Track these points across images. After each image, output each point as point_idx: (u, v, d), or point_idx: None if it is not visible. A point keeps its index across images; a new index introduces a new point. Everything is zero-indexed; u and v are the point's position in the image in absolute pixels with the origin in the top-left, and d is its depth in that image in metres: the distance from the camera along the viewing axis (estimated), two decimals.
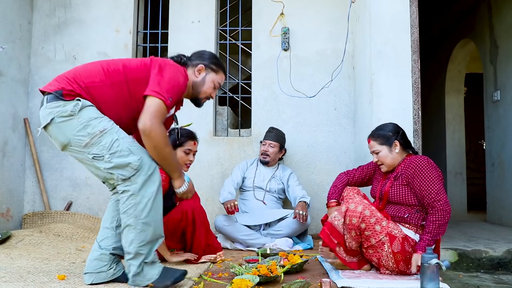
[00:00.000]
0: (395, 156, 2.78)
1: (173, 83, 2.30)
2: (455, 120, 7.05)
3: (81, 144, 2.19)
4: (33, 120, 4.65)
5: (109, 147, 2.17)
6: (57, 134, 2.23)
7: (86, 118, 2.18)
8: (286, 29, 4.53)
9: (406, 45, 3.63)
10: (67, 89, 2.23)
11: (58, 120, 2.21)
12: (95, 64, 2.37)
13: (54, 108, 2.23)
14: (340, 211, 2.63)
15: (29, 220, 4.40)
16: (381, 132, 2.83)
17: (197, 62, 2.55)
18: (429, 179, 2.60)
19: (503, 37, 5.33)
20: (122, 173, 2.18)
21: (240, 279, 2.28)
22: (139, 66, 2.35)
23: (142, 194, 2.17)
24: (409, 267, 2.58)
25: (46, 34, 4.73)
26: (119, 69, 2.32)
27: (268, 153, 4.10)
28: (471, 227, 5.14)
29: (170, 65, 2.37)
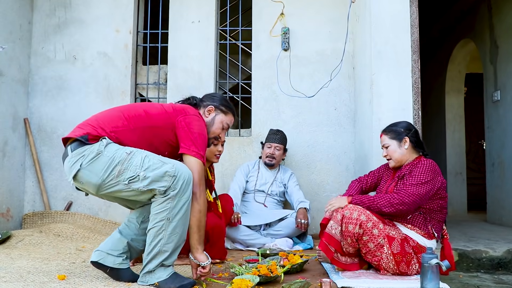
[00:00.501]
0: (403, 152, 2.79)
1: (202, 137, 2.40)
2: (455, 120, 7.06)
3: (114, 175, 2.19)
4: (33, 120, 4.65)
5: (141, 165, 2.19)
6: (89, 177, 2.21)
7: (112, 150, 2.21)
8: (286, 29, 4.53)
9: (406, 45, 3.63)
10: (92, 134, 2.26)
11: (86, 164, 2.20)
12: (114, 110, 2.42)
13: (80, 154, 2.22)
14: (336, 219, 2.62)
15: (29, 220, 4.40)
16: (394, 128, 2.88)
17: (208, 103, 2.65)
18: (418, 178, 2.61)
19: (503, 37, 5.33)
20: (162, 184, 2.18)
21: (240, 279, 2.27)
22: (161, 113, 2.41)
23: (179, 198, 2.20)
24: (410, 268, 2.58)
25: (46, 34, 4.73)
26: (140, 114, 2.38)
27: (274, 156, 4.10)
28: (471, 227, 5.14)
29: (194, 118, 2.42)
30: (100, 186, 2.21)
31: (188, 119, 2.40)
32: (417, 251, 2.60)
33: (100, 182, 2.19)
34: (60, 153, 4.61)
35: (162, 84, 4.76)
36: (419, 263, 2.59)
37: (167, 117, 2.40)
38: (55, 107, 4.66)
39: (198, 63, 4.62)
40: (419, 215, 2.67)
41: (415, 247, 2.60)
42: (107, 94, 4.63)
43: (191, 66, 4.62)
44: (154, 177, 2.17)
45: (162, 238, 2.20)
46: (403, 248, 2.56)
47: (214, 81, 4.62)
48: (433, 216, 2.69)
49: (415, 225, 2.66)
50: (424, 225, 2.65)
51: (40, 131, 4.65)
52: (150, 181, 2.17)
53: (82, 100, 4.65)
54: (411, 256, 2.58)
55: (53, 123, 4.65)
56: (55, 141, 4.63)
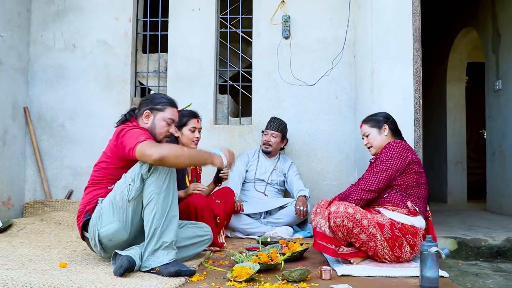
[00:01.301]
0: (383, 139, 2.88)
1: (135, 131, 2.45)
2: (456, 109, 7.04)
3: (120, 205, 2.39)
4: (33, 109, 4.64)
5: (124, 180, 2.40)
6: (109, 230, 2.41)
7: (107, 199, 2.43)
8: (287, 17, 4.50)
9: (407, 33, 3.61)
10: (91, 207, 2.48)
11: (100, 226, 2.41)
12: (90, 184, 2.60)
13: (91, 233, 2.45)
14: (323, 215, 2.63)
15: (30, 209, 4.42)
16: (373, 117, 2.98)
17: (142, 109, 2.63)
18: (380, 161, 2.72)
19: (506, 26, 5.29)
20: (144, 169, 2.37)
21: (240, 267, 2.29)
22: (111, 158, 2.53)
23: (160, 172, 2.40)
24: (403, 251, 2.59)
25: (45, 22, 4.71)
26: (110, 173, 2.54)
27: (270, 143, 4.09)
28: (471, 216, 5.15)
29: (128, 131, 2.47)
30: (124, 226, 2.41)
31: (123, 134, 2.46)
32: (405, 232, 2.59)
33: (119, 225, 2.40)
34: (60, 141, 4.62)
35: (162, 73, 4.74)
36: (410, 245, 2.60)
37: (114, 152, 2.49)
38: (55, 95, 4.65)
39: (199, 51, 4.59)
40: (396, 193, 2.69)
41: (402, 229, 2.59)
42: (107, 82, 4.62)
43: (191, 54, 4.60)
44: (135, 173, 2.36)
45: (156, 212, 2.33)
46: (393, 233, 2.57)
47: (214, 69, 4.60)
48: (411, 192, 2.70)
49: (394, 203, 2.67)
50: (402, 202, 2.66)
51: (40, 119, 4.65)
52: (135, 177, 2.36)
53: (82, 88, 4.64)
54: (401, 239, 2.59)
55: (53, 111, 4.64)
56: (55, 130, 4.63)
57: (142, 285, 2.05)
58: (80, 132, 4.61)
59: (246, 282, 2.19)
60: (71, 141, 4.60)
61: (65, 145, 4.61)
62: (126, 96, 4.58)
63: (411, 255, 2.63)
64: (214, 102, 4.61)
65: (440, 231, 3.87)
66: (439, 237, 3.54)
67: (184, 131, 3.29)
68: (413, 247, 2.62)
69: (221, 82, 4.80)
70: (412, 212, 2.63)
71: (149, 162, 2.32)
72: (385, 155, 2.73)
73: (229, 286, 2.15)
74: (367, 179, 2.71)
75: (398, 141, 2.79)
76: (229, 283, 2.18)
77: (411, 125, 3.57)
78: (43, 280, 2.09)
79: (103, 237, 2.41)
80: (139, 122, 2.61)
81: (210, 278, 2.31)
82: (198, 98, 4.53)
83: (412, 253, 2.63)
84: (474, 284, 2.80)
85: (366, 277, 2.36)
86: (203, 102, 4.52)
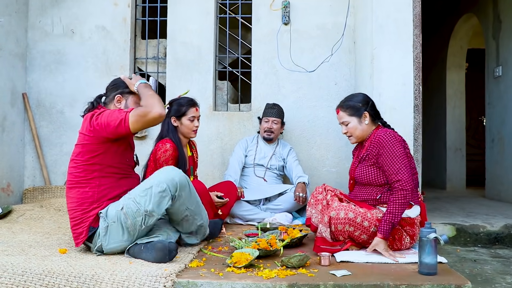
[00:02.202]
0: (364, 128, 2.71)
1: (112, 111, 2.44)
2: (456, 96, 7.03)
3: (132, 228, 2.39)
4: (31, 95, 4.62)
5: (137, 207, 2.37)
6: (116, 246, 2.42)
7: (112, 214, 2.38)
8: (286, 3, 4.46)
9: (408, 19, 3.59)
10: (90, 221, 2.42)
11: (106, 240, 2.40)
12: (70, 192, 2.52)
13: (94, 243, 2.43)
14: (324, 222, 2.59)
15: (30, 195, 4.42)
16: (351, 103, 2.73)
17: (113, 94, 2.61)
18: (391, 157, 2.55)
19: (507, 12, 5.26)
20: (166, 201, 2.39)
21: (240, 253, 2.30)
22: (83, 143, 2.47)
23: (182, 194, 2.50)
24: (403, 243, 2.58)
25: (43, 8, 4.67)
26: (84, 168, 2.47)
27: (272, 130, 4.08)
28: (470, 202, 5.17)
29: (100, 114, 2.44)
30: (131, 241, 2.41)
31: (97, 117, 2.43)
32: (403, 224, 2.57)
33: (128, 244, 2.40)
34: (59, 128, 4.61)
35: (162, 59, 4.72)
36: (409, 236, 2.59)
37: (91, 137, 2.43)
38: (53, 81, 4.63)
39: (198, 37, 4.56)
40: (387, 192, 2.61)
41: (400, 222, 2.55)
42: (105, 68, 4.59)
43: (191, 40, 4.57)
44: (155, 204, 2.35)
45: (194, 220, 2.60)
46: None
47: (214, 55, 4.58)
48: None
49: (387, 203, 2.57)
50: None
51: (39, 106, 4.63)
52: (158, 211, 2.37)
53: (80, 74, 4.61)
54: (400, 231, 2.57)
55: (52, 98, 4.63)
56: (54, 116, 4.62)
57: (142, 271, 2.06)
58: (79, 119, 4.48)
59: (245, 268, 2.20)
60: (70, 128, 4.59)
61: (64, 131, 4.60)
62: None
63: (410, 245, 2.63)
64: (214, 88, 4.59)
65: (439, 217, 3.89)
66: (438, 224, 3.56)
67: (184, 121, 3.31)
68: (412, 236, 2.61)
69: (221, 68, 4.78)
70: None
71: (148, 119, 2.32)
72: (388, 156, 2.55)
73: (228, 272, 2.17)
74: (396, 172, 2.51)
75: (388, 134, 2.61)
76: (229, 269, 2.19)
77: (411, 112, 3.57)
78: (43, 266, 2.11)
79: (107, 251, 2.42)
80: (109, 107, 2.58)
81: (209, 264, 2.32)
82: (197, 84, 4.51)
83: (411, 242, 2.62)
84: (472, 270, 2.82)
85: (365, 263, 2.37)
86: (202, 88, 4.51)
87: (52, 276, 2.02)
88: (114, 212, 2.38)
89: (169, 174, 2.41)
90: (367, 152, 2.68)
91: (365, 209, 2.59)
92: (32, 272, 2.04)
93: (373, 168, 2.66)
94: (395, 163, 2.53)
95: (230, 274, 2.13)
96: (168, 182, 2.37)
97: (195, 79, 4.54)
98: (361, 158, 2.73)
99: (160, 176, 2.42)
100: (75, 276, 2.02)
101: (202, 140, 4.40)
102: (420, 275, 2.15)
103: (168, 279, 2.00)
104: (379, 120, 2.78)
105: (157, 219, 2.43)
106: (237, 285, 2.01)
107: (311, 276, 2.10)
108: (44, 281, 2.00)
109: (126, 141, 2.56)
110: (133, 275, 2.02)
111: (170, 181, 2.37)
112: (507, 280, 2.61)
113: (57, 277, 2.02)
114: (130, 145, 2.63)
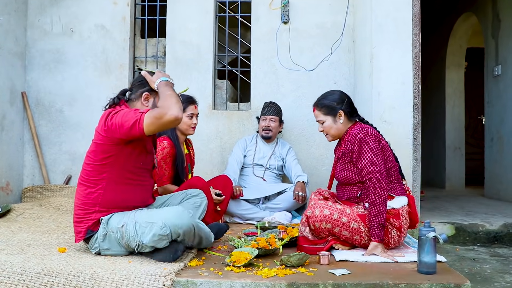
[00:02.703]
0: (339, 127, 2.71)
1: (128, 110, 2.33)
2: (455, 95, 7.03)
3: (127, 244, 2.34)
4: (30, 94, 4.62)
5: (135, 233, 2.29)
6: (116, 252, 2.40)
7: (113, 225, 2.34)
8: (286, 2, 4.46)
9: (407, 18, 3.59)
10: (90, 224, 2.38)
11: (104, 246, 2.37)
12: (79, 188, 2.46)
13: (91, 245, 2.41)
14: (302, 221, 2.61)
15: (29, 194, 4.42)
16: (326, 102, 2.74)
17: (140, 91, 2.49)
18: (363, 154, 2.54)
19: (506, 11, 5.26)
20: (163, 243, 2.27)
21: (239, 252, 2.30)
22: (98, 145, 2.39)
23: (186, 237, 2.37)
24: (390, 236, 2.55)
25: (43, 6, 4.66)
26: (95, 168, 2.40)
27: (270, 128, 4.08)
28: (469, 201, 5.18)
29: (115, 113, 2.34)
30: (128, 250, 2.38)
31: (112, 116, 2.32)
32: (387, 217, 2.52)
33: (126, 252, 2.38)
34: (58, 126, 4.61)
35: (161, 57, 4.71)
36: (396, 228, 2.55)
37: (105, 137, 2.34)
38: (53, 80, 4.62)
39: (197, 36, 4.56)
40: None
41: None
42: (105, 67, 4.59)
43: (190, 39, 4.56)
44: (152, 242, 2.25)
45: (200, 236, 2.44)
46: None
47: (213, 54, 4.57)
48: None
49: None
50: None
51: (38, 105, 4.63)
52: (152, 246, 2.27)
53: (80, 73, 4.61)
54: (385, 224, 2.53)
55: (51, 96, 4.62)
56: (53, 115, 4.61)
57: (141, 270, 2.06)
58: (78, 117, 4.60)
59: (244, 267, 2.20)
60: (69, 126, 4.59)
61: (64, 130, 4.60)
62: (125, 81, 4.56)
63: (399, 238, 2.58)
64: (213, 87, 4.59)
65: (438, 216, 3.90)
66: (437, 223, 3.56)
67: (183, 117, 3.29)
68: (400, 229, 2.55)
69: (220, 67, 4.78)
70: (388, 197, 2.54)
71: (164, 121, 2.20)
72: (360, 153, 2.55)
73: (227, 271, 2.17)
74: (367, 170, 2.52)
75: (361, 131, 2.59)
76: (228, 268, 2.19)
77: (410, 111, 3.57)
78: (42, 265, 2.10)
79: (104, 254, 2.40)
80: (134, 105, 2.48)
81: (208, 263, 2.32)
82: (196, 83, 4.51)
83: (400, 236, 2.57)
84: (472, 269, 2.82)
85: (364, 263, 2.38)
86: (201, 87, 4.50)
87: (51, 275, 2.02)
88: (115, 225, 2.33)
89: (177, 221, 2.25)
90: (343, 150, 2.68)
91: (344, 205, 2.57)
92: (31, 271, 2.04)
93: (349, 166, 2.65)
94: (367, 159, 2.53)
95: (229, 273, 2.13)
96: (172, 229, 2.23)
97: (194, 78, 4.53)
98: (338, 157, 2.73)
99: (168, 217, 2.26)
100: (74, 275, 2.02)
101: (201, 139, 4.40)
102: (419, 274, 2.16)
103: (167, 278, 2.00)
104: (356, 117, 2.77)
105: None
106: (236, 284, 2.01)
107: (310, 275, 2.10)
108: (43, 280, 2.00)
109: (141, 143, 2.43)
110: (132, 274, 2.02)
111: (174, 228, 2.23)
112: (506, 279, 2.61)
113: (56, 276, 2.02)
114: (145, 148, 2.48)
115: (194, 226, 2.33)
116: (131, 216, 2.34)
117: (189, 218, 2.31)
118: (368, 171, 2.51)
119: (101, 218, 2.36)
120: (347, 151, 2.65)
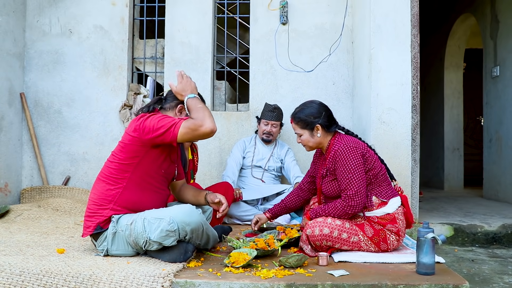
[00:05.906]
0: (317, 140, 2.68)
1: (164, 116, 2.38)
2: (454, 96, 7.04)
3: (134, 243, 2.35)
4: (29, 95, 4.61)
5: (143, 230, 2.29)
6: (122, 251, 2.41)
7: (122, 224, 2.36)
8: (284, 3, 4.47)
9: (406, 19, 3.60)
10: (101, 220, 2.39)
11: (111, 246, 2.39)
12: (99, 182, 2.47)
13: (102, 242, 2.41)
14: (303, 239, 2.60)
15: (28, 195, 4.42)
16: (302, 116, 2.69)
17: (176, 102, 2.58)
18: (344, 171, 2.52)
19: (504, 12, 5.27)
20: (170, 241, 2.27)
21: (238, 253, 2.30)
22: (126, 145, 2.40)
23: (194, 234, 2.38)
24: (388, 242, 2.55)
25: (41, 7, 4.66)
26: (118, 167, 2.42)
27: (272, 133, 4.09)
28: (467, 202, 5.18)
29: (149, 118, 2.38)
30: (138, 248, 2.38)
31: (146, 119, 2.36)
32: (384, 223, 2.54)
33: (134, 252, 2.40)
34: (57, 127, 4.60)
35: (159, 58, 4.71)
36: (394, 233, 2.55)
37: (134, 138, 2.36)
38: (51, 81, 4.62)
39: (196, 37, 4.56)
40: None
41: (379, 222, 2.54)
42: (103, 68, 4.59)
43: (189, 40, 4.56)
44: (159, 238, 2.24)
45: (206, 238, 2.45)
46: (374, 229, 2.54)
47: (212, 55, 4.57)
48: (372, 188, 2.59)
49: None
50: (367, 201, 2.56)
51: (36, 105, 4.62)
52: (159, 243, 2.26)
53: (78, 74, 4.61)
54: (383, 232, 2.54)
55: (49, 97, 4.62)
56: (52, 116, 4.61)
57: (140, 270, 2.06)
58: (77, 118, 4.59)
59: (243, 268, 2.20)
60: (68, 127, 4.58)
61: (62, 131, 4.59)
62: (123, 82, 4.56)
63: (398, 242, 2.59)
64: (211, 88, 4.59)
65: (437, 217, 3.90)
66: (436, 223, 3.56)
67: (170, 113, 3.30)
68: (398, 233, 2.56)
69: (219, 68, 4.78)
70: (380, 204, 2.56)
71: (199, 133, 2.30)
72: (341, 170, 2.54)
73: (226, 272, 2.17)
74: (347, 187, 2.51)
75: (343, 147, 2.55)
76: (226, 269, 2.19)
77: (409, 112, 3.58)
78: (41, 266, 2.10)
79: (111, 254, 2.41)
80: (167, 114, 2.52)
81: (207, 264, 2.32)
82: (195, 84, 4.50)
83: (398, 239, 2.58)
84: (470, 270, 2.83)
85: (363, 263, 2.38)
86: (200, 88, 4.47)
87: (50, 276, 2.02)
88: (125, 223, 2.35)
89: (186, 217, 2.26)
90: (327, 167, 2.66)
91: (342, 220, 2.55)
92: (29, 272, 2.04)
93: (335, 182, 2.63)
94: (347, 177, 2.51)
95: (228, 274, 2.13)
96: (180, 226, 2.24)
97: (193, 79, 4.46)
98: (323, 173, 2.71)
99: (177, 214, 2.27)
100: (73, 276, 2.01)
101: (200, 140, 4.39)
102: (418, 275, 2.16)
103: (166, 279, 2.00)
104: (335, 127, 2.73)
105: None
106: (235, 285, 2.01)
107: (309, 276, 2.10)
108: (42, 281, 2.00)
109: (167, 150, 2.46)
110: (131, 275, 2.02)
111: (182, 225, 2.24)
112: (504, 280, 2.61)
113: (54, 277, 2.01)
114: (170, 157, 2.52)
115: (203, 224, 2.35)
116: (140, 214, 2.35)
117: (198, 215, 2.32)
118: (346, 188, 2.51)
119: (112, 216, 2.38)
120: (331, 169, 2.63)
